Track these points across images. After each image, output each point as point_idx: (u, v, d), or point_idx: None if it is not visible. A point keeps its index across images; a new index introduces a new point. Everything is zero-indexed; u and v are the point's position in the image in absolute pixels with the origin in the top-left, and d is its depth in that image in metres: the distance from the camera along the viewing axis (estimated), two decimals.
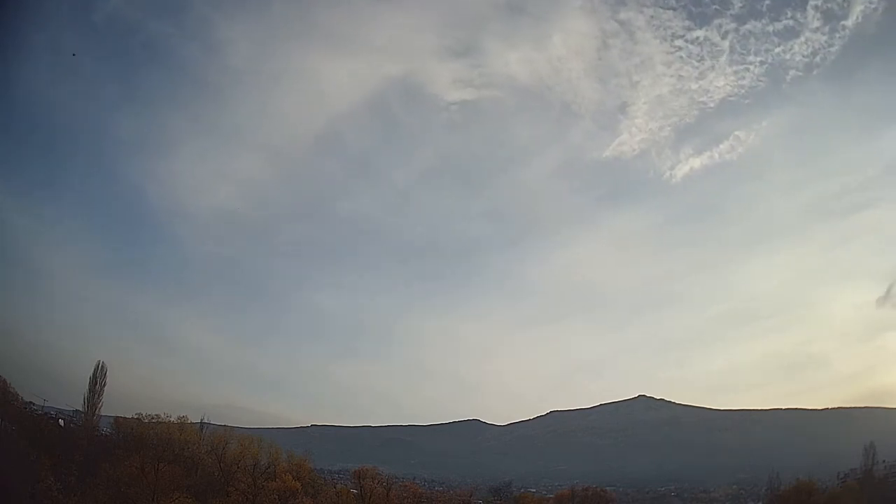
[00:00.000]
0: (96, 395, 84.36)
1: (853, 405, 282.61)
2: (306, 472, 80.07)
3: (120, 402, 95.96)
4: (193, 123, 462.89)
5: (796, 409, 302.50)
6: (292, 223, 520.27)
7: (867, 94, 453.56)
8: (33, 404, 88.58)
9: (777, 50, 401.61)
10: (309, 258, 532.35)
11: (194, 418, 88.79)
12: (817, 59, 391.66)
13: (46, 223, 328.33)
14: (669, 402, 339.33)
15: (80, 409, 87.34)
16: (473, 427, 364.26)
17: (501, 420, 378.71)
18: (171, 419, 78.81)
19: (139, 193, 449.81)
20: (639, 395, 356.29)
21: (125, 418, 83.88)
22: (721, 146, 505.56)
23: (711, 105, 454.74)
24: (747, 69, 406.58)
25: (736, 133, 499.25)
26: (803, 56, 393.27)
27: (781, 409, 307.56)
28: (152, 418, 78.27)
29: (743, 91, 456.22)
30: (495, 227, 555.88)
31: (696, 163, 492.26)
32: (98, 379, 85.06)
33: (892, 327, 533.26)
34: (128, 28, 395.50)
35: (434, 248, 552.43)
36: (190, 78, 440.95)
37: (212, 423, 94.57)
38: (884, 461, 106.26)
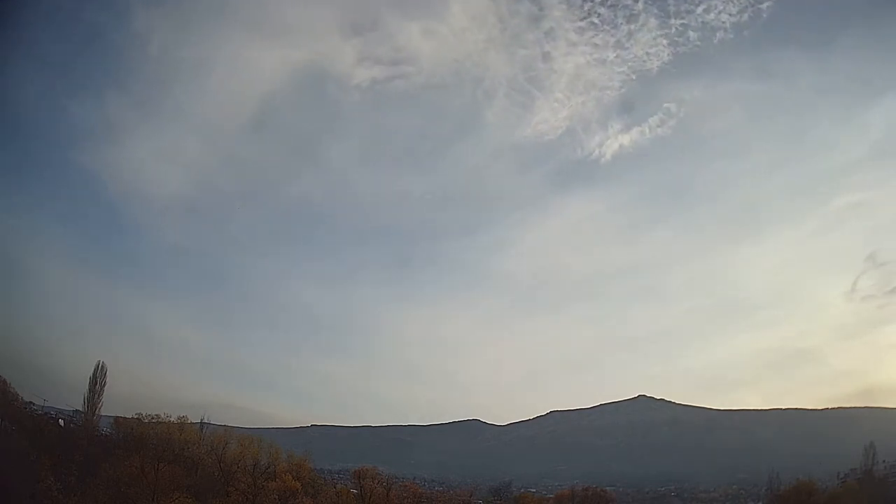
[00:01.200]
0: (96, 395, 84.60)
1: (853, 405, 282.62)
2: (306, 472, 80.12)
3: (118, 401, 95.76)
4: (137, 109, 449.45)
5: (796, 409, 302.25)
6: (242, 209, 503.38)
7: (848, 64, 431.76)
8: (33, 404, 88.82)
9: (699, 10, 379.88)
10: (265, 247, 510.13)
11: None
12: (745, 17, 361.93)
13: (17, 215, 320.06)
14: (669, 402, 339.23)
15: (80, 409, 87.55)
16: (473, 427, 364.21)
17: (501, 420, 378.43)
18: (171, 419, 79.00)
19: (97, 182, 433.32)
20: (639, 395, 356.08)
21: (125, 418, 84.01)
22: (651, 120, 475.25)
23: (633, 76, 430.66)
24: (668, 34, 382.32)
25: (666, 105, 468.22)
26: (729, 15, 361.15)
27: (781, 409, 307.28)
28: (152, 418, 78.38)
29: (668, 59, 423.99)
30: (446, 211, 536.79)
31: (626, 139, 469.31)
32: (98, 379, 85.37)
33: (887, 320, 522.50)
34: (68, 16, 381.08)
35: (389, 233, 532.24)
36: (125, 65, 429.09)
37: (212, 423, 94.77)
38: (884, 461, 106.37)
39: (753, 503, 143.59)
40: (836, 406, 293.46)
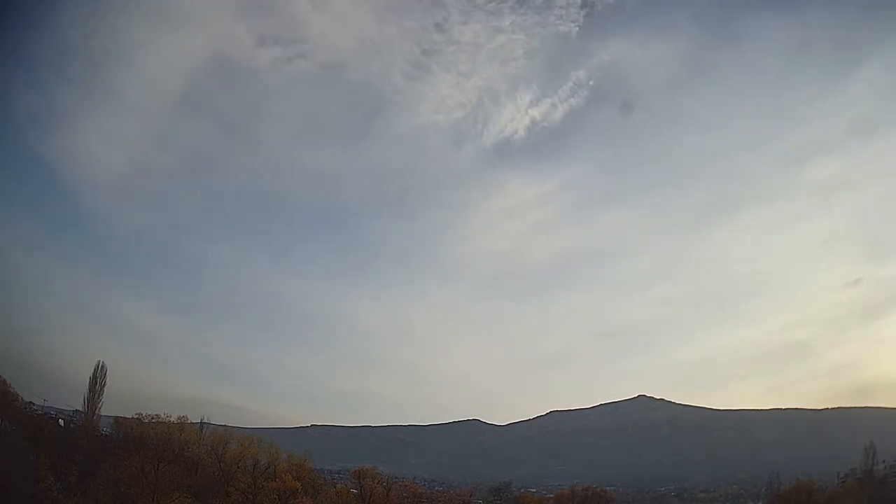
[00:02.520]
0: (96, 395, 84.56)
1: (853, 405, 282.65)
2: (306, 472, 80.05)
3: (119, 401, 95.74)
4: (75, 92, 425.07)
5: (796, 409, 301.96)
6: (184, 192, 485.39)
7: (822, 32, 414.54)
8: (33, 404, 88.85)
9: None
10: (213, 231, 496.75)
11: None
12: None
13: None
14: (669, 402, 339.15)
15: (80, 409, 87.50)
16: (473, 427, 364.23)
17: (501, 420, 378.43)
18: (171, 419, 79.00)
19: (49, 168, 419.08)
20: (639, 395, 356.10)
21: (125, 418, 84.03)
22: (561, 91, 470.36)
23: (535, 45, 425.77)
24: None
25: (574, 73, 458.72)
26: None
27: (781, 409, 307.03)
28: (152, 418, 78.37)
29: (583, 20, 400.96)
30: (381, 191, 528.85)
31: (535, 113, 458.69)
32: (98, 379, 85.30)
33: (880, 311, 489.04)
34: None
35: (330, 216, 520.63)
36: (59, 50, 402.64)
37: (212, 423, 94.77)
38: (884, 461, 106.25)
39: (753, 503, 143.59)
40: (836, 406, 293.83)
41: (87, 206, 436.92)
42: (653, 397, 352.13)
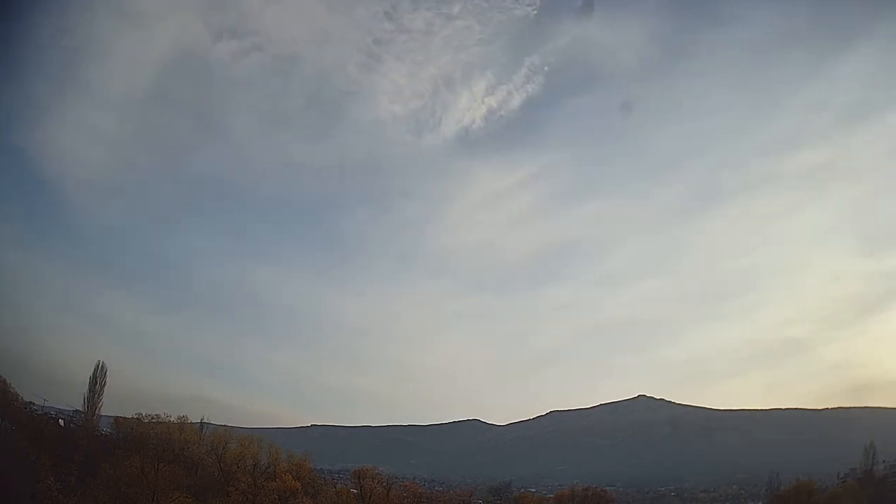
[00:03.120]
0: (96, 395, 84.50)
1: (853, 405, 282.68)
2: (306, 472, 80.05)
3: (119, 401, 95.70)
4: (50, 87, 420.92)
5: (796, 409, 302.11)
6: (162, 186, 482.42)
7: (807, 14, 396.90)
8: (33, 404, 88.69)
9: None
10: (189, 225, 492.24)
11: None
12: None
13: None
14: (669, 402, 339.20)
15: (80, 409, 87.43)
16: (473, 427, 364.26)
17: (501, 420, 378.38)
18: (171, 419, 79.02)
19: (34, 165, 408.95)
20: (639, 395, 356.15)
21: (125, 418, 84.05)
22: (516, 78, 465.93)
23: (490, 31, 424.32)
24: None
25: (528, 59, 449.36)
26: None
27: (781, 409, 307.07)
28: (152, 418, 78.40)
29: (523, 8, 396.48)
30: (352, 183, 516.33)
31: (492, 101, 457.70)
32: (98, 379, 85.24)
33: (877, 307, 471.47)
34: None
35: (307, 209, 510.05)
36: (35, 46, 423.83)
37: (212, 423, 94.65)
38: (884, 461, 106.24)
39: (753, 503, 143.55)
40: (836, 406, 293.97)
41: (71, 201, 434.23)
42: (653, 397, 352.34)
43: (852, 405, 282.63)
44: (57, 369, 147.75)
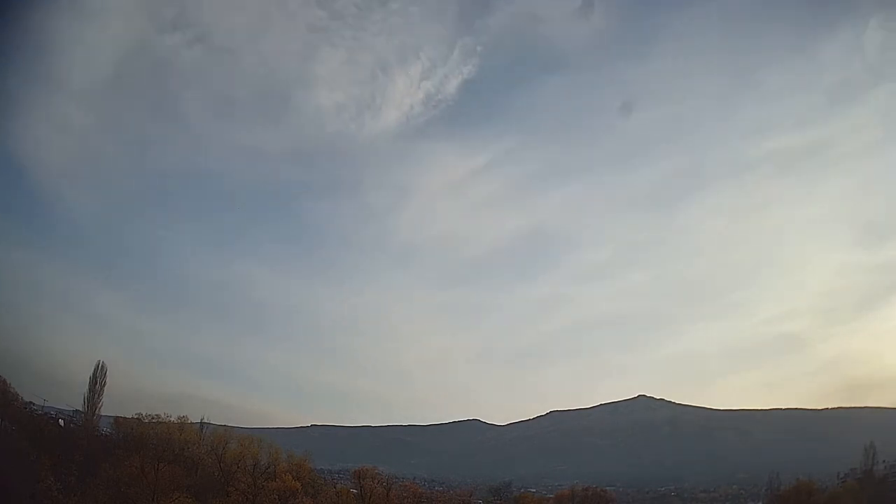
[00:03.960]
0: (96, 395, 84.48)
1: (853, 405, 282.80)
2: (306, 472, 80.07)
3: (119, 401, 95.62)
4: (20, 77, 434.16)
5: (796, 408, 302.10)
6: (129, 175, 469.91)
7: None
8: (33, 404, 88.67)
9: None
10: (158, 215, 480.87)
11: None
12: None
13: None
14: (669, 402, 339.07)
15: (80, 409, 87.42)
16: (473, 427, 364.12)
17: (501, 420, 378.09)
18: (171, 419, 79.05)
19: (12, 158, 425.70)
20: (639, 395, 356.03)
21: (125, 418, 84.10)
22: (450, 60, 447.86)
23: (423, 13, 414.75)
24: None
25: (460, 42, 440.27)
26: None
27: (781, 408, 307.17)
28: (152, 418, 78.44)
29: None
30: (309, 171, 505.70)
31: (429, 86, 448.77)
32: (98, 379, 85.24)
33: (876, 300, 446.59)
34: None
35: (270, 199, 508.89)
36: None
37: (212, 423, 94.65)
38: (884, 461, 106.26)
39: (753, 503, 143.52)
40: (836, 406, 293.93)
41: (47, 193, 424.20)
42: (653, 397, 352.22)
43: (852, 405, 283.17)
44: (57, 369, 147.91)
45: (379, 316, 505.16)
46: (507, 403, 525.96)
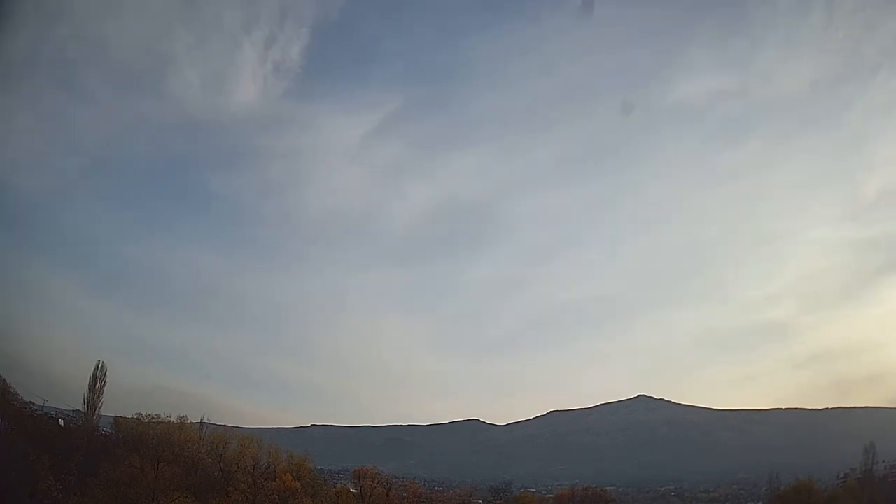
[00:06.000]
0: (96, 395, 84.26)
1: (853, 405, 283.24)
2: (306, 472, 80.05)
3: (119, 401, 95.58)
4: None
5: (796, 408, 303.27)
6: (54, 153, 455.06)
7: None
8: (33, 404, 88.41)
9: None
10: (90, 196, 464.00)
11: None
12: None
13: None
14: (669, 402, 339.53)
15: (80, 409, 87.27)
16: (473, 427, 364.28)
17: (501, 420, 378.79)
18: (171, 419, 78.96)
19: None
20: (639, 395, 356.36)
21: (125, 418, 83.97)
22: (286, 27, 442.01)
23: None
24: None
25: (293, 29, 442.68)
26: None
27: (781, 408, 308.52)
28: (152, 418, 78.37)
29: None
30: (197, 146, 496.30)
31: (277, 54, 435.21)
32: (98, 379, 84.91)
33: (868, 281, 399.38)
34: None
35: (167, 171, 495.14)
36: None
37: (212, 423, 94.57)
38: (884, 461, 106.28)
39: (753, 503, 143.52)
40: (835, 406, 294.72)
41: (36, 197, 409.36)
42: (653, 397, 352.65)
43: (852, 405, 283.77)
44: (57, 369, 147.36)
45: (324, 303, 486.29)
46: (507, 403, 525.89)
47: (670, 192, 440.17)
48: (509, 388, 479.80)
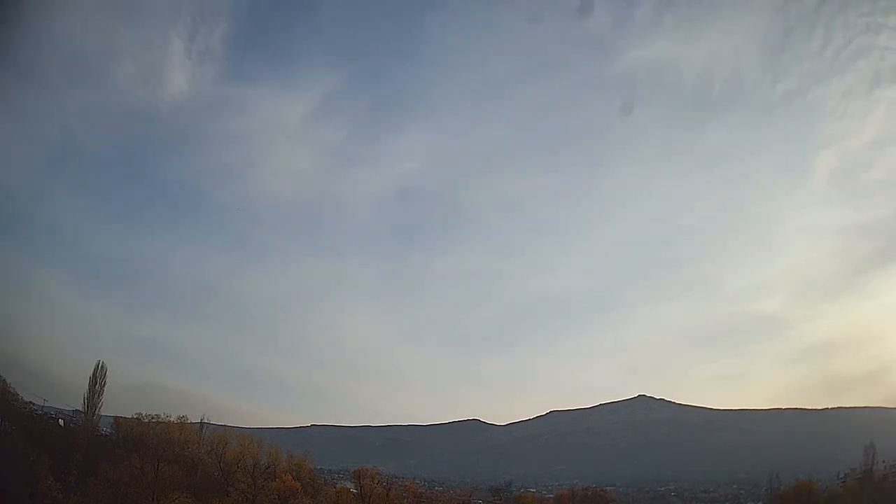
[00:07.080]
0: (96, 395, 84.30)
1: (853, 405, 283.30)
2: (306, 472, 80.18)
3: (119, 401, 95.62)
4: None
5: (796, 408, 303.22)
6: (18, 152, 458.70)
7: None
8: (33, 404, 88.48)
9: None
10: (56, 188, 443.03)
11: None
12: None
13: None
14: (669, 402, 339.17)
15: (80, 409, 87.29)
16: (473, 427, 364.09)
17: (501, 420, 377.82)
18: (171, 419, 79.12)
19: None
20: (639, 395, 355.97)
21: (125, 418, 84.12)
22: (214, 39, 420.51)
23: None
24: None
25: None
26: None
27: (781, 408, 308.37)
28: (152, 418, 78.48)
29: None
30: (147, 132, 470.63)
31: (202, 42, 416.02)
32: (98, 379, 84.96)
33: (863, 272, 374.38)
34: None
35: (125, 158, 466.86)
36: None
37: (212, 423, 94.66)
38: (884, 461, 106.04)
39: (753, 503, 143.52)
40: (835, 406, 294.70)
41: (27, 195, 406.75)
42: (653, 397, 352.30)
43: (852, 405, 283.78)
44: (57, 369, 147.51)
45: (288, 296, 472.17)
46: (507, 403, 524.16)
47: (648, 184, 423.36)
48: (509, 388, 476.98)
